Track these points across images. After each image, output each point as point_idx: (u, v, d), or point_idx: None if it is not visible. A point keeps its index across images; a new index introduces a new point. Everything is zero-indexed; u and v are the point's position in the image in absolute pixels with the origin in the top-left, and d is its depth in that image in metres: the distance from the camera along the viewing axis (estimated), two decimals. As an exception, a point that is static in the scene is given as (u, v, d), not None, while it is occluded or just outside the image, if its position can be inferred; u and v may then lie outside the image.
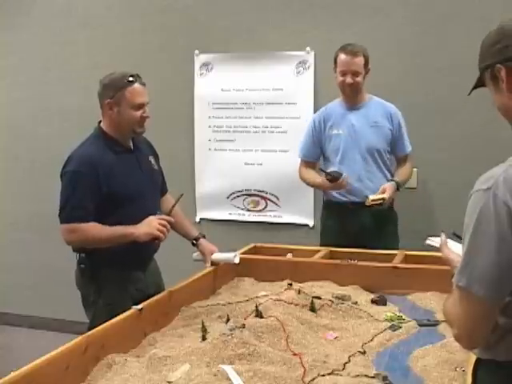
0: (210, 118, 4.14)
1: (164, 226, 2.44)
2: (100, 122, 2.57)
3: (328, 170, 3.18)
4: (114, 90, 2.46)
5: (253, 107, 4.04)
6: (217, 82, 4.11)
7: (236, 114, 4.08)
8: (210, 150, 4.16)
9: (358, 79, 3.19)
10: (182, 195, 2.63)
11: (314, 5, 3.83)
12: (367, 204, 3.07)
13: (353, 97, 3.26)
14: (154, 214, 2.48)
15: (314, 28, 3.84)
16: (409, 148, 3.35)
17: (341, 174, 3.12)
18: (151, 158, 2.69)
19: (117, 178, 2.46)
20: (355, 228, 3.21)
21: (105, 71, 2.56)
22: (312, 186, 3.48)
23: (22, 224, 4.70)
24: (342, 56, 3.19)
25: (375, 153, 3.25)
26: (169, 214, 2.54)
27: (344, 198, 3.25)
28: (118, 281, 2.48)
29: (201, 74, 4.14)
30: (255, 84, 4.02)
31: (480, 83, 1.42)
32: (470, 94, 1.50)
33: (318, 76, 3.87)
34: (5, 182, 4.77)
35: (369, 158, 3.25)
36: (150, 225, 2.41)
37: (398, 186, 3.23)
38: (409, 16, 3.64)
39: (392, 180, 3.24)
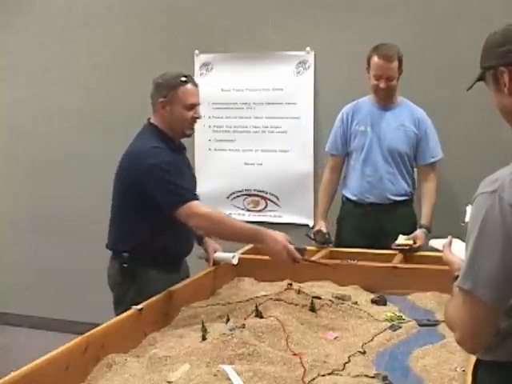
0: (209, 118, 4.13)
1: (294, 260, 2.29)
2: (149, 119, 2.58)
3: (313, 237, 3.11)
4: (167, 89, 2.49)
5: (253, 107, 4.04)
6: (217, 82, 4.10)
7: (236, 114, 4.08)
8: (209, 150, 4.16)
9: (392, 83, 3.14)
10: None
11: (313, 5, 3.83)
12: (392, 247, 2.93)
13: (385, 100, 3.22)
14: None
15: (314, 28, 3.84)
16: (432, 158, 3.23)
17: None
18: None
19: (184, 176, 2.48)
20: (372, 229, 3.18)
21: (105, 71, 2.57)
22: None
23: (21, 224, 4.69)
24: (376, 59, 3.10)
25: (397, 155, 3.21)
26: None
27: (363, 198, 3.23)
28: (158, 281, 2.45)
29: (201, 74, 4.14)
30: (255, 84, 4.02)
31: (479, 79, 1.42)
32: (468, 90, 1.48)
33: (318, 76, 3.86)
34: (5, 181, 4.76)
35: (390, 159, 3.21)
36: (283, 254, 2.25)
37: (429, 231, 3.10)
38: (409, 16, 3.64)
39: (422, 226, 3.12)
